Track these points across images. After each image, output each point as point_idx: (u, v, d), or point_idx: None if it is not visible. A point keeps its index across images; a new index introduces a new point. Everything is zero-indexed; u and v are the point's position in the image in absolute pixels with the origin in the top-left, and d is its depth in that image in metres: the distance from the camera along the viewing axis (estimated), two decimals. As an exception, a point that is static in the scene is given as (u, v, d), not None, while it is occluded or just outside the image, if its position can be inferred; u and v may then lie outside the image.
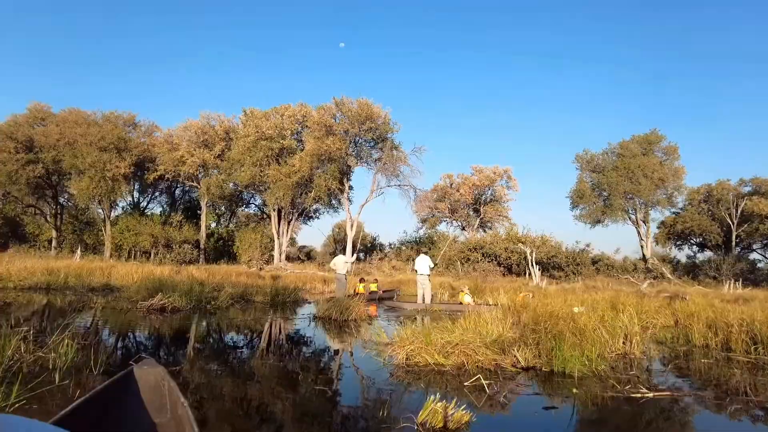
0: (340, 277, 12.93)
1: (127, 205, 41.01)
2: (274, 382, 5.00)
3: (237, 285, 13.97)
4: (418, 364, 5.46)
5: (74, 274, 14.00)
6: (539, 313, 5.82)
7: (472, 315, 6.02)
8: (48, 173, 34.44)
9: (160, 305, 9.92)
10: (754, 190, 44.39)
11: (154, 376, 2.98)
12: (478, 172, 48.12)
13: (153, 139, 37.21)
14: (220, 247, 39.59)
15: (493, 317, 5.78)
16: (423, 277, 13.97)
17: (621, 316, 6.47)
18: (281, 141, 32.57)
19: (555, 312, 5.66)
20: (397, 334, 6.30)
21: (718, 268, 32.29)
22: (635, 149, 39.78)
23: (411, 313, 11.71)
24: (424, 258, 14.26)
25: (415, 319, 10.17)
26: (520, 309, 6.55)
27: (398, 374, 5.23)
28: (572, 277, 30.43)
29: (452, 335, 5.52)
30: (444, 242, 38.60)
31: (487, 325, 5.63)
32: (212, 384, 4.79)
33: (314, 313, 10.30)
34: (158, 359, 5.53)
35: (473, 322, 5.77)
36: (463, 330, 5.55)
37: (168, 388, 2.90)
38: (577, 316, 5.54)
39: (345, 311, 9.60)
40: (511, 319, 5.95)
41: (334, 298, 10.44)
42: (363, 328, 8.86)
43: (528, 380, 5.07)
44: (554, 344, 5.20)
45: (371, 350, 6.31)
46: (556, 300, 10.80)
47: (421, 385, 4.84)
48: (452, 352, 5.38)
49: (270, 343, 7.44)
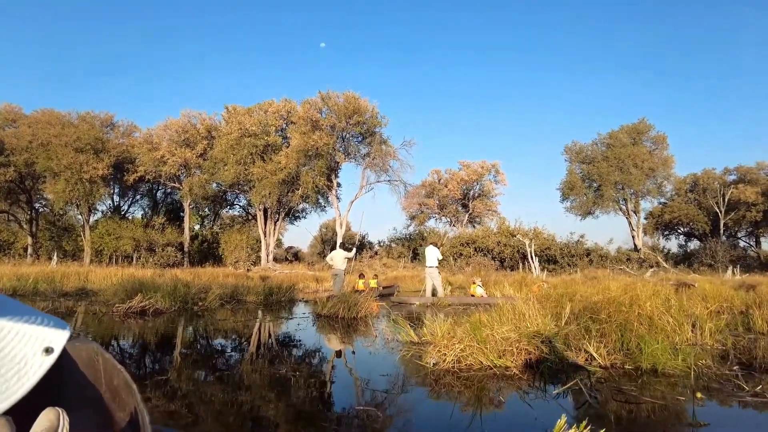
0: (338, 272, 12.02)
1: (107, 209, 39.71)
2: (298, 401, 3.74)
3: (225, 286, 13.00)
4: (472, 367, 4.50)
5: (46, 279, 12.85)
6: (595, 301, 5.04)
7: (504, 307, 5.20)
8: (21, 177, 32.93)
9: (140, 307, 8.90)
10: (739, 178, 44.82)
11: (86, 351, 2.65)
12: (465, 167, 47.67)
13: (132, 139, 35.93)
14: (204, 250, 38.42)
15: (529, 308, 4.96)
16: (431, 269, 13.09)
17: (673, 302, 5.69)
18: (266, 137, 31.50)
19: (616, 298, 4.84)
20: (429, 332, 5.43)
21: (713, 256, 32.16)
22: (624, 139, 39.62)
23: (420, 308, 10.84)
24: (432, 249, 13.34)
25: (422, 314, 9.23)
26: (560, 298, 5.77)
27: (447, 381, 4.21)
28: (567, 269, 29.99)
29: (499, 329, 4.61)
30: (435, 238, 38.06)
31: (524, 317, 4.81)
32: (214, 402, 3.67)
33: (317, 311, 9.35)
34: (136, 370, 4.62)
35: (506, 315, 4.96)
36: (498, 324, 4.73)
37: (102, 361, 2.61)
38: (642, 302, 4.73)
39: (353, 308, 8.68)
40: (548, 310, 5.17)
41: (341, 295, 9.51)
42: (377, 326, 7.85)
43: (618, 381, 4.09)
44: (622, 335, 4.38)
45: (401, 351, 5.30)
46: (576, 288, 10.12)
47: (500, 398, 3.75)
48: (508, 350, 4.42)
49: (273, 348, 6.34)
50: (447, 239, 37.74)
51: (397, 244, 43.80)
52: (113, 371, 2.56)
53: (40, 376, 0.99)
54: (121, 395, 2.39)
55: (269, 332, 7.62)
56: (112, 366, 2.58)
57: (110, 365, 2.60)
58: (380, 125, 31.77)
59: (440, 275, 13.45)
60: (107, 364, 2.62)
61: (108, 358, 2.63)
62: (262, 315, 9.60)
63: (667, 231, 50.39)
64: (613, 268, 29.88)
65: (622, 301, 4.75)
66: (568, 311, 4.88)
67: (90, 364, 2.68)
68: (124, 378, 2.40)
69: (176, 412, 3.46)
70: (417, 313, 9.43)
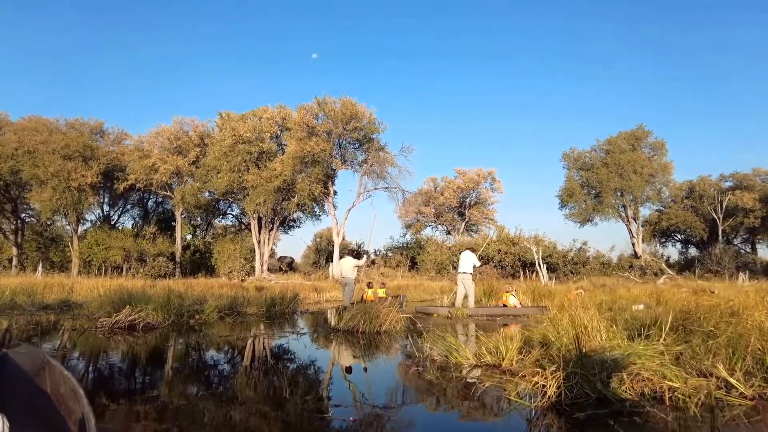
0: (348, 282, 11.12)
1: (96, 219, 38.62)
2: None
3: (222, 297, 12.11)
4: (577, 400, 3.31)
5: (27, 290, 11.85)
6: (688, 310, 4.26)
7: (561, 319, 4.39)
8: (6, 185, 31.85)
9: (129, 321, 7.94)
10: (735, 184, 44.73)
11: (31, 358, 2.81)
12: (462, 174, 47.16)
13: (123, 147, 35.01)
14: (197, 260, 37.37)
15: (591, 320, 4.15)
16: (465, 275, 11.98)
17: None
18: (260, 144, 30.68)
19: (716, 306, 4.05)
20: (487, 351, 4.43)
21: (719, 262, 31.65)
22: (623, 145, 39.30)
23: (442, 320, 9.91)
24: (468, 254, 12.28)
25: (446, 327, 8.24)
26: (598, 305, 5.01)
27: (548, 422, 3.10)
28: (571, 276, 29.35)
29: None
30: (433, 246, 37.26)
31: (587, 330, 3.96)
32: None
33: (334, 325, 8.28)
34: (121, 404, 3.58)
35: (564, 327, 4.15)
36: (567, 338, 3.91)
37: (49, 368, 2.75)
38: (749, 311, 3.96)
39: (374, 321, 7.55)
40: (609, 321, 4.38)
41: (358, 305, 8.53)
42: (410, 343, 6.49)
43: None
44: (734, 353, 3.47)
45: (472, 380, 4.08)
46: (596, 296, 9.41)
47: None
48: (614, 374, 3.35)
49: (300, 378, 4.77)
50: (445, 248, 37.01)
51: (395, 252, 43.01)
52: (60, 379, 2.61)
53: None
54: (68, 403, 2.46)
55: (284, 353, 6.41)
56: (58, 373, 2.65)
57: (57, 373, 2.67)
58: (378, 131, 31.13)
59: (474, 283, 12.33)
60: (53, 371, 2.70)
61: (54, 366, 2.72)
62: (268, 330, 8.63)
63: (664, 238, 50.14)
64: (617, 276, 29.29)
65: (724, 310, 3.99)
66: (669, 321, 4.02)
67: (35, 372, 2.76)
68: (71, 385, 2.45)
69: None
70: (444, 326, 8.44)
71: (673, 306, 6.05)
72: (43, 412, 2.59)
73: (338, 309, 8.98)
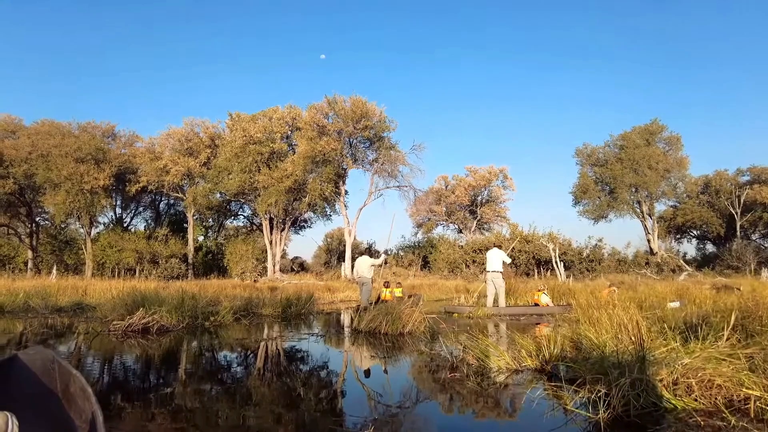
0: (365, 281, 10.85)
1: (109, 221, 38.88)
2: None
3: (236, 298, 11.92)
4: (644, 410, 2.95)
5: (40, 293, 11.80)
6: (745, 308, 3.94)
7: (600, 317, 4.09)
8: (20, 189, 32.10)
9: (143, 324, 7.81)
10: (753, 179, 43.78)
11: (41, 359, 2.85)
12: (473, 172, 46.74)
13: (134, 149, 35.12)
14: (209, 261, 37.45)
15: (631, 318, 3.84)
16: (495, 274, 11.67)
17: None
18: (271, 144, 30.59)
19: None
20: (528, 354, 4.09)
21: (740, 258, 30.93)
22: (637, 140, 38.62)
23: (465, 320, 9.58)
24: (497, 252, 11.99)
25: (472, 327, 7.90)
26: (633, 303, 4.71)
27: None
28: (586, 274, 28.85)
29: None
30: (446, 245, 36.91)
31: (625, 329, 3.66)
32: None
33: (355, 326, 7.94)
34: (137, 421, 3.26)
35: (604, 326, 3.84)
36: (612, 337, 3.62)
37: (58, 369, 2.77)
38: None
39: (397, 321, 7.16)
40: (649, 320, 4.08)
41: (378, 305, 8.26)
42: (435, 345, 6.10)
43: None
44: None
45: (524, 390, 3.69)
46: (622, 294, 9.08)
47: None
48: (682, 381, 3.00)
49: (333, 386, 4.43)
50: (457, 246, 36.65)
51: (406, 252, 42.74)
52: (69, 378, 2.66)
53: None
54: (77, 402, 2.48)
55: (307, 357, 5.97)
56: (67, 373, 2.70)
57: (65, 372, 2.71)
58: (388, 129, 30.91)
59: (504, 282, 11.96)
60: (63, 371, 2.74)
61: (63, 365, 2.76)
62: (286, 332, 8.36)
63: (679, 234, 49.27)
64: (634, 273, 28.73)
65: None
66: (732, 321, 3.70)
67: (45, 373, 2.79)
68: (80, 384, 2.48)
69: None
70: (469, 326, 8.09)
71: (702, 302, 5.70)
72: (53, 411, 2.62)
73: (356, 309, 8.73)
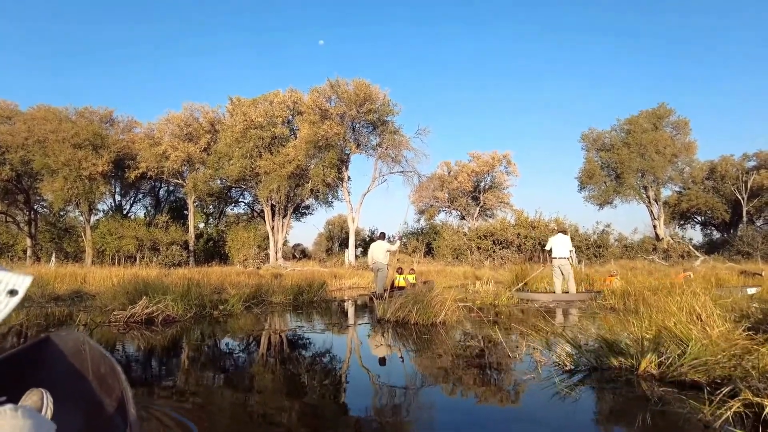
0: (381, 267, 10.37)
1: (109, 208, 38.34)
2: None
3: (241, 285, 11.46)
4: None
5: (37, 281, 11.31)
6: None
7: (672, 305, 3.66)
8: (17, 176, 31.51)
9: (146, 315, 7.35)
10: (759, 164, 43.27)
11: (73, 341, 2.91)
12: (476, 158, 46.06)
13: (133, 135, 34.47)
14: (210, 248, 37.01)
15: (705, 307, 3.42)
16: (561, 260, 11.38)
17: None
18: (272, 129, 29.92)
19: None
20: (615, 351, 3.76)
21: (751, 243, 30.50)
22: (645, 124, 37.94)
23: (542, 307, 9.13)
24: (562, 238, 11.69)
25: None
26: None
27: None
28: (594, 260, 28.45)
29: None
30: (450, 232, 36.48)
31: (703, 322, 3.25)
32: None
33: (379, 316, 7.35)
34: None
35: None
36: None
37: (89, 350, 2.82)
38: None
39: (428, 310, 6.47)
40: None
41: (403, 292, 7.81)
42: (481, 337, 5.56)
43: None
44: None
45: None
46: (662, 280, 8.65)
47: None
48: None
49: (385, 394, 3.63)
50: (462, 233, 36.20)
51: (410, 238, 42.32)
52: (100, 359, 2.74)
53: (6, 315, 1.09)
54: (108, 381, 2.56)
55: (337, 350, 5.41)
56: (98, 354, 2.78)
57: (97, 353, 2.80)
58: (392, 113, 30.18)
59: (572, 269, 11.61)
60: (94, 352, 2.83)
61: (94, 346, 2.84)
62: (303, 321, 7.79)
63: (683, 220, 48.83)
64: (642, 259, 28.34)
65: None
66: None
67: (76, 354, 2.88)
68: (110, 364, 2.57)
69: None
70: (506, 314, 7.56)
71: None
72: (84, 390, 2.69)
73: (371, 296, 8.27)
